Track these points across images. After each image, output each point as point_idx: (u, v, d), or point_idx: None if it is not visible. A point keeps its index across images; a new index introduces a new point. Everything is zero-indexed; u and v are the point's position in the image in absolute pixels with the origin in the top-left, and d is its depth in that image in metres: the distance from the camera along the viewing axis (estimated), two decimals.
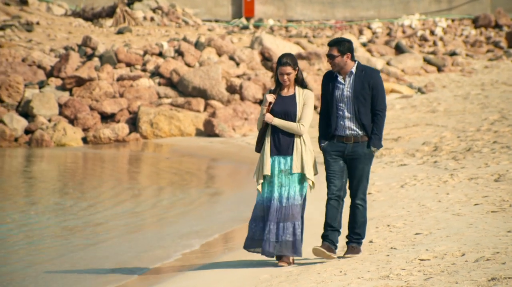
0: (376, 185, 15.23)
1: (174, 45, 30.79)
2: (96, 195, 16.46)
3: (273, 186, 8.58)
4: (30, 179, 19.33)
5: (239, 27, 42.53)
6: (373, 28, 44.67)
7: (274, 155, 8.58)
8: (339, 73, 8.65)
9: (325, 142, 8.71)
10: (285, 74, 8.58)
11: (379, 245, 9.88)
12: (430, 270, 7.99)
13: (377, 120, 8.63)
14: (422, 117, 26.67)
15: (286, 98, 8.66)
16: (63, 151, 24.42)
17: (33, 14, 37.80)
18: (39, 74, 28.50)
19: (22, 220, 13.33)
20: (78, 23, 37.49)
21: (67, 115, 26.53)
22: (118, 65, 29.32)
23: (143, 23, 38.55)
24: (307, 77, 30.08)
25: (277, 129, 8.61)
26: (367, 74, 8.62)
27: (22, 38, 33.04)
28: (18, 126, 26.01)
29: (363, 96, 8.55)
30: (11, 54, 29.48)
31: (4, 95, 27.01)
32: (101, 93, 27.34)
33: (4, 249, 11.14)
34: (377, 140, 8.65)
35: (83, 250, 11.19)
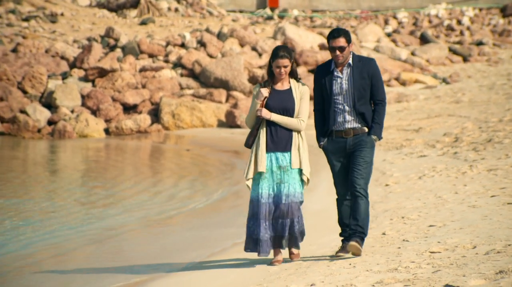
0: (394, 176, 15.17)
1: (196, 36, 30.81)
2: (115, 185, 16.54)
3: (269, 182, 8.22)
4: (53, 170, 19.45)
5: (263, 17, 42.46)
6: (399, 18, 44.39)
7: (271, 151, 8.24)
8: (335, 66, 8.28)
9: (324, 140, 8.37)
10: (282, 67, 8.17)
11: (391, 237, 9.83)
12: (439, 262, 7.94)
13: (378, 109, 8.33)
14: (445, 107, 26.50)
15: (282, 93, 8.28)
16: (85, 142, 24.57)
17: (57, 5, 37.97)
18: (62, 65, 28.64)
19: (44, 210, 13.45)
20: (102, 14, 37.61)
21: (90, 106, 26.66)
22: (140, 56, 29.39)
23: (167, 14, 38.61)
24: None
25: (274, 125, 8.23)
26: (365, 64, 8.29)
27: (46, 29, 33.22)
28: (41, 117, 26.16)
29: (363, 87, 8.24)
30: (34, 45, 29.64)
31: (27, 86, 27.18)
32: (124, 84, 27.43)
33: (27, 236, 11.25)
34: (378, 129, 8.33)
35: (101, 244, 11.26)
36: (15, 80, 27.38)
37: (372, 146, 8.40)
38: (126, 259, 10.23)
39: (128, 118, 26.22)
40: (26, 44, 29.71)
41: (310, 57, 30.14)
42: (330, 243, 9.99)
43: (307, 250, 9.58)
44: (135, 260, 10.14)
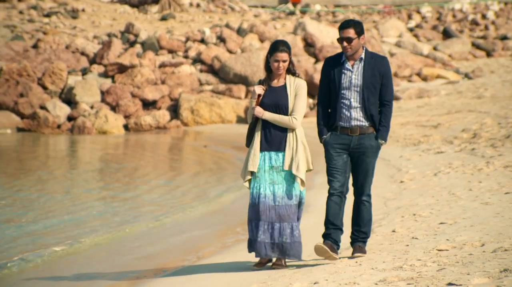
0: (409, 173, 15.08)
1: (216, 31, 30.80)
2: (132, 181, 16.58)
3: (262, 182, 7.90)
4: (72, 168, 19.52)
5: (285, 12, 42.37)
6: (423, 13, 44.12)
7: (265, 150, 7.90)
8: (347, 59, 7.92)
9: (328, 134, 7.99)
10: (281, 61, 7.85)
11: (401, 235, 9.77)
12: (445, 260, 7.87)
13: (385, 111, 7.95)
14: (467, 103, 26.31)
15: (277, 89, 7.93)
16: (104, 138, 24.65)
17: (79, 1, 38.12)
18: (82, 61, 28.75)
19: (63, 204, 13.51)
20: (124, 9, 37.71)
21: (109, 102, 26.74)
22: (160, 52, 29.43)
23: (189, 10, 38.63)
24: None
25: (268, 123, 7.91)
26: (377, 61, 7.91)
27: (66, 25, 33.36)
28: (61, 113, 26.28)
29: (373, 85, 7.87)
30: (55, 41, 29.77)
31: (47, 82, 27.31)
32: (143, 80, 27.48)
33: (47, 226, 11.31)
34: (385, 132, 8.01)
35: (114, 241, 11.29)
36: (35, 76, 27.52)
37: (378, 150, 8.10)
38: (136, 258, 10.25)
39: (147, 114, 26.29)
40: (46, 40, 29.85)
41: (330, 53, 30.04)
42: None
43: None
44: (143, 260, 10.15)
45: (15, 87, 26.84)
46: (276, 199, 7.89)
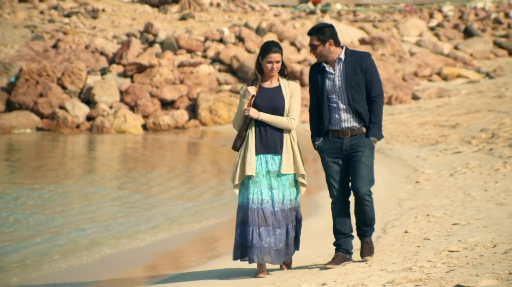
0: (425, 173, 15.00)
1: (235, 31, 30.80)
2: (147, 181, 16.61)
3: (262, 187, 7.64)
4: (90, 167, 19.59)
5: (305, 12, 42.29)
6: (444, 11, 43.89)
7: (260, 153, 7.67)
8: (326, 63, 7.78)
9: (320, 139, 7.84)
10: (275, 62, 7.69)
11: (413, 235, 9.72)
12: (455, 262, 7.82)
13: (374, 108, 7.74)
14: (487, 102, 26.14)
15: (271, 91, 7.75)
16: (122, 137, 24.72)
17: (99, 1, 38.25)
18: (102, 61, 28.85)
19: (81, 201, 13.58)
20: (144, 9, 37.80)
21: (128, 102, 26.81)
22: (179, 52, 29.48)
23: (209, 9, 38.65)
24: None
25: (263, 125, 7.69)
26: (357, 58, 7.74)
27: (86, 25, 33.48)
28: (80, 113, 26.39)
29: (356, 83, 7.68)
30: (74, 41, 29.90)
31: (67, 82, 27.43)
32: (162, 80, 27.53)
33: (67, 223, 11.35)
34: (376, 129, 7.77)
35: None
36: (55, 76, 27.65)
37: (371, 148, 7.85)
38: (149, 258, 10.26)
39: (166, 114, 26.33)
40: (66, 40, 29.98)
41: None
42: None
43: (326, 248, 9.51)
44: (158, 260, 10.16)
45: (34, 87, 26.98)
46: (274, 205, 7.68)
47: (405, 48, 34.03)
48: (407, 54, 33.53)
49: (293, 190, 7.74)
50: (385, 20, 39.90)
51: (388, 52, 32.48)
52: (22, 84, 27.08)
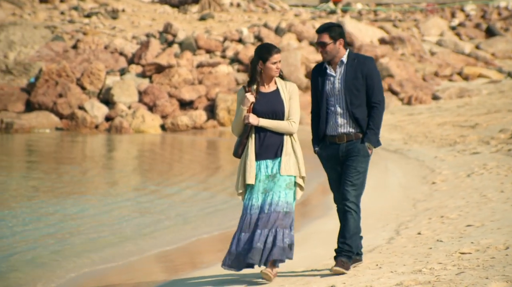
0: (442, 174, 14.90)
1: (254, 31, 30.79)
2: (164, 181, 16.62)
3: (254, 192, 7.47)
4: (109, 167, 19.63)
5: (326, 11, 42.18)
6: (466, 11, 43.59)
7: (260, 159, 7.48)
8: (328, 64, 7.59)
9: (319, 145, 7.68)
10: (278, 62, 7.54)
11: (426, 237, 9.64)
12: (466, 264, 7.75)
13: (373, 114, 7.53)
14: (509, 102, 25.96)
15: (269, 95, 7.52)
16: (141, 136, 24.75)
17: (120, 1, 38.37)
18: (121, 61, 28.93)
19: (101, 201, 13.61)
20: (164, 9, 37.86)
21: (146, 102, 26.86)
22: (198, 52, 29.50)
23: (229, 9, 38.66)
24: (389, 63, 29.65)
25: (262, 130, 7.47)
26: (359, 62, 7.53)
27: (106, 25, 33.58)
28: (98, 113, 26.47)
29: (356, 87, 7.47)
30: (94, 42, 30.00)
31: (86, 82, 27.52)
32: (180, 80, 27.56)
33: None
34: (372, 135, 7.53)
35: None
36: (74, 77, 27.76)
37: (366, 155, 7.59)
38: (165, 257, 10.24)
39: (184, 114, 26.35)
40: (85, 40, 30.09)
41: (369, 52, 29.85)
42: (362, 243, 9.80)
43: None
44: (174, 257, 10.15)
45: (54, 88, 27.10)
46: (264, 207, 7.41)
47: (426, 47, 33.85)
48: (427, 54, 33.35)
49: (289, 193, 7.48)
50: (405, 20, 39.72)
51: (408, 52, 32.32)
52: (42, 84, 27.22)
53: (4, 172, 17.59)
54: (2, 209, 13.26)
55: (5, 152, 22.13)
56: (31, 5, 36.39)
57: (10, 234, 11.32)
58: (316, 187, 14.95)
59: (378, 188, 14.31)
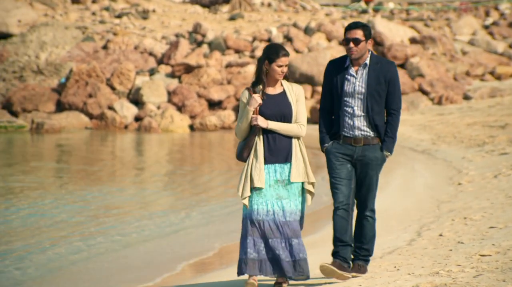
0: (469, 175, 14.76)
1: (283, 30, 30.73)
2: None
3: (268, 198, 7.19)
4: (139, 166, 19.71)
5: (357, 11, 42.00)
6: (501, 9, 43.15)
7: (269, 163, 7.24)
8: (351, 64, 7.35)
9: (330, 143, 7.44)
10: (284, 66, 7.26)
11: (447, 239, 9.55)
12: (484, 266, 7.66)
13: (391, 121, 7.40)
14: None
15: (277, 97, 7.29)
16: (170, 135, 24.82)
17: (151, 2, 38.50)
18: (150, 61, 29.03)
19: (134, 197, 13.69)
20: (194, 9, 37.92)
21: (175, 102, 26.93)
22: (226, 52, 29.51)
23: (260, 9, 38.64)
24: (420, 62, 29.45)
25: (271, 133, 7.22)
26: (383, 67, 7.31)
27: (136, 26, 33.71)
28: (128, 113, 26.59)
29: (378, 93, 7.31)
30: (124, 42, 30.13)
31: (115, 82, 27.67)
32: (209, 80, 27.59)
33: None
34: (391, 143, 7.42)
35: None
36: (104, 77, 27.92)
37: (383, 162, 7.49)
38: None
39: (213, 114, 26.39)
40: (115, 40, 30.24)
41: (399, 51, 29.68)
42: (382, 245, 9.75)
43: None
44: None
45: (84, 88, 27.27)
46: (285, 215, 7.20)
47: (457, 47, 33.57)
48: (459, 53, 33.08)
49: (302, 200, 7.31)
50: (438, 19, 39.42)
51: (439, 51, 32.08)
52: (72, 85, 27.40)
53: (36, 173, 17.73)
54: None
55: (37, 153, 22.30)
56: (63, 5, 36.64)
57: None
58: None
59: (403, 189, 14.21)
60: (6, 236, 11.29)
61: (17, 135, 25.69)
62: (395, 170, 15.89)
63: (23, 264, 9.82)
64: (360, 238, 7.60)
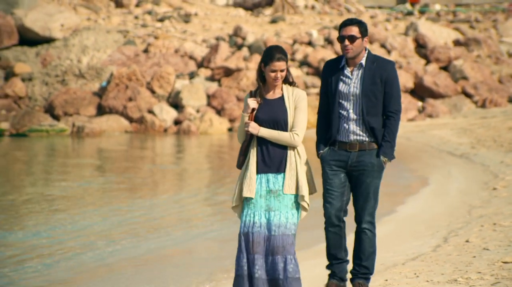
0: (505, 180, 14.46)
1: (324, 33, 30.55)
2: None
3: (257, 209, 6.77)
4: (179, 170, 19.72)
5: (403, 13, 41.60)
6: None
7: (262, 172, 6.80)
8: (347, 64, 6.91)
9: (325, 149, 6.98)
10: (279, 71, 6.75)
11: (473, 245, 9.33)
12: (504, 274, 7.47)
13: (390, 124, 6.88)
14: None
15: (273, 102, 6.83)
16: (209, 138, 24.83)
17: (194, 5, 38.58)
18: (190, 65, 29.06)
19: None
20: (237, 12, 37.91)
21: (215, 105, 26.92)
22: None
23: (303, 12, 38.50)
24: (464, 65, 29.03)
25: (264, 141, 6.78)
26: (379, 66, 6.83)
27: (177, 29, 33.78)
28: (167, 117, 26.65)
29: (374, 94, 6.85)
30: (164, 45, 30.22)
31: (155, 86, 27.75)
32: (249, 83, 27.54)
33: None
34: (388, 148, 6.88)
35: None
36: (144, 80, 28.03)
37: (381, 169, 6.93)
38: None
39: None
40: (156, 44, 30.35)
41: (442, 54, 29.30)
42: (406, 251, 9.58)
43: (380, 257, 9.21)
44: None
45: (124, 91, 27.41)
46: (271, 228, 6.72)
47: (503, 49, 33.04)
48: (505, 55, 32.55)
49: (295, 214, 6.78)
50: (486, 21, 38.86)
51: (484, 54, 31.61)
52: (113, 88, 27.57)
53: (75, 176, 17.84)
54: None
55: (77, 156, 22.45)
56: (106, 10, 36.89)
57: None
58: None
59: (436, 194, 13.98)
60: (49, 246, 11.32)
61: (58, 139, 25.90)
62: (430, 175, 15.65)
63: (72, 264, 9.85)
64: (358, 254, 7.04)
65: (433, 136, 22.42)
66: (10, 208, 13.84)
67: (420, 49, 29.89)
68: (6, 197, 15.07)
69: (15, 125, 26.72)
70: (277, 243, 6.67)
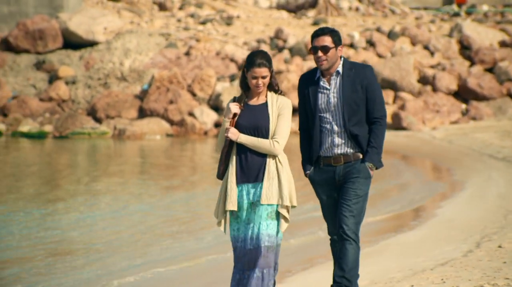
0: None
1: (366, 35, 30.28)
2: None
3: (240, 223, 6.44)
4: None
5: (449, 14, 41.09)
6: None
7: (241, 183, 6.45)
8: (322, 75, 6.59)
9: (311, 168, 6.64)
10: (260, 77, 6.38)
11: (505, 251, 9.11)
12: None
13: (376, 130, 6.55)
14: None
15: (256, 108, 6.50)
16: None
17: (236, 8, 38.54)
18: (231, 67, 29.01)
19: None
20: (279, 15, 37.78)
21: None
22: (308, 57, 29.27)
23: (347, 14, 38.22)
24: (509, 66, 28.54)
25: (244, 149, 6.44)
26: (358, 72, 6.51)
27: (219, 32, 33.77)
28: (208, 119, 26.63)
29: (355, 102, 6.52)
30: (206, 48, 30.22)
31: (196, 88, 27.76)
32: (289, 86, 27.39)
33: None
34: (374, 154, 6.54)
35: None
36: (185, 83, 28.06)
37: (367, 176, 6.55)
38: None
39: (292, 120, 26.18)
40: (197, 47, 30.36)
41: (487, 55, 28.85)
42: (437, 256, 9.37)
43: (410, 262, 9.03)
44: None
45: (165, 94, 27.46)
46: (247, 242, 6.41)
47: None
48: None
49: (272, 224, 6.38)
50: None
51: None
52: (154, 91, 27.64)
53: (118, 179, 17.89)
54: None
55: (120, 160, 22.53)
56: (150, 13, 37.04)
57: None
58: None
59: (473, 198, 13.71)
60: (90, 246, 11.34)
61: (99, 141, 26.04)
62: (469, 179, 15.36)
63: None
64: (341, 265, 6.56)
65: (475, 139, 22.07)
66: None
67: (465, 51, 29.46)
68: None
69: (58, 128, 26.96)
70: (253, 256, 6.35)
